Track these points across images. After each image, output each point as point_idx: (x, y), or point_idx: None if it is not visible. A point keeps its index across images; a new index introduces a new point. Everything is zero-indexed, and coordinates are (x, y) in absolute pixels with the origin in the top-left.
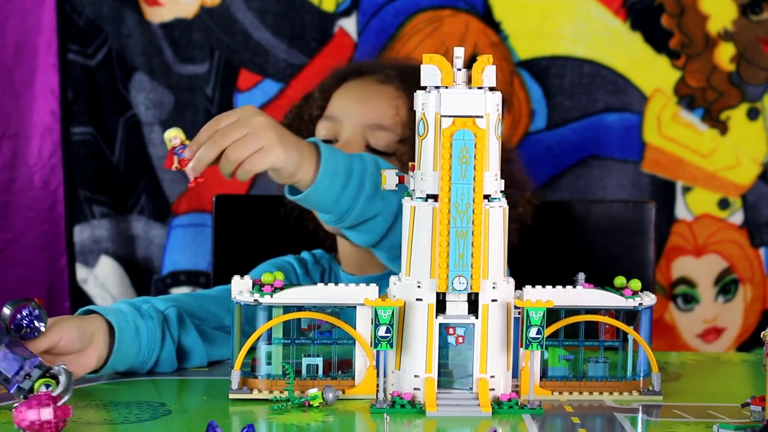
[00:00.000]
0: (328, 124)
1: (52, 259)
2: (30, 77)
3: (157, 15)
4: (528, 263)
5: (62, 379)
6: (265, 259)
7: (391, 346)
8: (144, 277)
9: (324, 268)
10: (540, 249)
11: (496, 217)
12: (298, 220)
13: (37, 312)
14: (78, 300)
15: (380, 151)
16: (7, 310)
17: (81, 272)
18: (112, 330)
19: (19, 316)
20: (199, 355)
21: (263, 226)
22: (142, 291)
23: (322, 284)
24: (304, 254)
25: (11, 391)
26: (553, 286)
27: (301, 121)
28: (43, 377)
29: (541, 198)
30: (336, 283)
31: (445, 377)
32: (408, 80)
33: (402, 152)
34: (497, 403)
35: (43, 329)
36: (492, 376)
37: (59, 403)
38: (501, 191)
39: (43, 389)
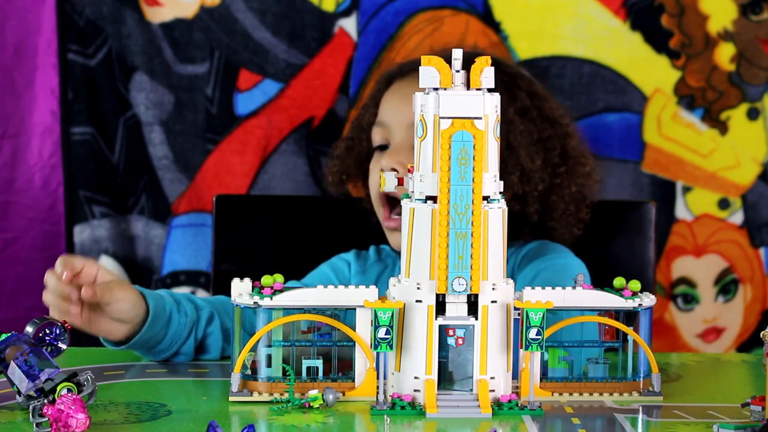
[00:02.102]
0: (379, 129)
1: (52, 259)
2: (30, 77)
3: (157, 15)
4: None
5: (88, 386)
6: (320, 258)
7: (391, 348)
8: (144, 277)
9: (387, 265)
10: None
11: (495, 219)
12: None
13: (59, 331)
14: None
15: None
16: (30, 328)
17: None
18: (149, 312)
19: (41, 333)
20: (216, 350)
21: (264, 226)
22: None
23: (322, 286)
24: (371, 249)
25: (25, 390)
26: (553, 287)
27: (360, 130)
28: (67, 381)
29: (601, 174)
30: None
31: (445, 379)
32: None
33: None
34: (497, 404)
35: (64, 349)
36: (492, 378)
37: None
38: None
39: (64, 392)
